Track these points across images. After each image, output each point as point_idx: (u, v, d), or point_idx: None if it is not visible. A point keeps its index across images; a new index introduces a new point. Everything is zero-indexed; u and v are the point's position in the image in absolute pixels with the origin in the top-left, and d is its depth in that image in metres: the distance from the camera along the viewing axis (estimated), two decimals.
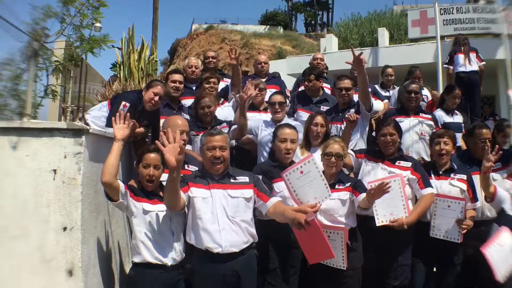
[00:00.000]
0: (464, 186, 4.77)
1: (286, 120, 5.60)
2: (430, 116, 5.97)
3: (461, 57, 9.04)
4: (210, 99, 5.63)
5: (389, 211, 4.40)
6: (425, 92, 7.10)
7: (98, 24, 10.31)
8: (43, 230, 3.59)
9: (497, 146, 4.62)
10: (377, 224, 4.38)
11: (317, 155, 4.75)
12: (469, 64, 8.93)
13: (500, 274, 4.23)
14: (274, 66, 14.65)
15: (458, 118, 6.72)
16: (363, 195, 4.22)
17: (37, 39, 4.83)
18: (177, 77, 6.13)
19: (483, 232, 4.64)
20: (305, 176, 4.15)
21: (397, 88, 7.86)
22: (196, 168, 4.61)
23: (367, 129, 5.79)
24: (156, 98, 5.20)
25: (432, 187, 4.67)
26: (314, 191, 4.15)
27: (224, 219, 3.79)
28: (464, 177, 4.82)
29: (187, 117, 6.08)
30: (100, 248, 4.03)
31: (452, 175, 4.85)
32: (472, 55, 9.06)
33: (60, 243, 3.60)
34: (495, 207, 4.73)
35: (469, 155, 5.29)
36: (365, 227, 4.52)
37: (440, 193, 4.69)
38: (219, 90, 6.58)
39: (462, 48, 9.11)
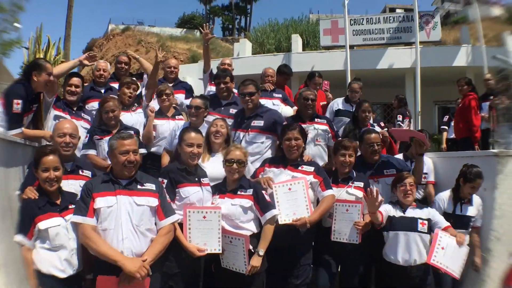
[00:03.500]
0: (360, 194, 4.92)
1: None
2: (324, 121, 6.00)
3: None
4: (114, 103, 5.52)
5: (292, 211, 4.52)
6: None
7: (17, 24, 9.94)
8: None
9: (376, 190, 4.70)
10: (280, 222, 4.46)
11: (218, 160, 4.80)
12: None
13: (456, 273, 4.59)
14: (186, 70, 14.61)
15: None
16: (269, 214, 4.35)
17: None
18: (75, 80, 5.89)
19: (381, 236, 4.90)
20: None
21: None
22: (90, 173, 4.59)
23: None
24: (51, 77, 5.18)
25: (332, 189, 4.81)
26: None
27: (128, 226, 3.71)
28: (361, 184, 4.97)
29: (88, 118, 5.97)
30: (12, 249, 3.81)
31: (350, 183, 5.00)
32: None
33: None
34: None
35: (362, 160, 5.44)
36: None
37: (339, 198, 4.82)
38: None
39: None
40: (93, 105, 6.32)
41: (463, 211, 5.17)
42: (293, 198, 4.54)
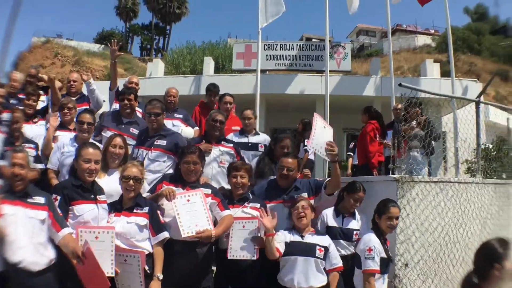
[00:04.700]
0: (256, 214, 4.92)
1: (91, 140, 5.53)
2: (231, 145, 6.04)
3: None
4: (18, 114, 5.52)
5: (194, 223, 4.45)
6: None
7: None
8: None
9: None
10: (183, 236, 4.37)
11: (115, 177, 4.76)
12: None
13: None
14: (100, 86, 14.23)
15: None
16: (162, 236, 4.35)
17: None
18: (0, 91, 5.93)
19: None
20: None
21: None
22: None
23: None
24: None
25: (230, 209, 4.83)
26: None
27: (24, 237, 3.69)
28: (258, 205, 4.99)
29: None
30: None
31: (246, 203, 5.02)
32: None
33: None
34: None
35: (276, 184, 5.43)
36: (167, 251, 4.46)
37: (235, 216, 4.83)
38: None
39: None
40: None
41: (345, 224, 5.31)
42: (193, 209, 4.50)
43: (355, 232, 5.37)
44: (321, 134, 5.24)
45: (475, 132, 7.36)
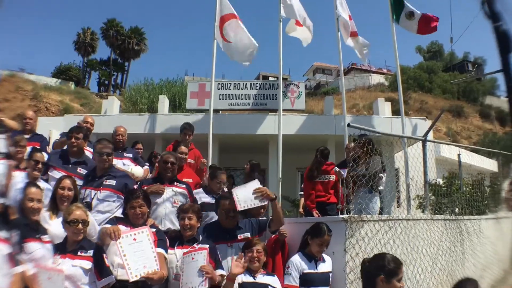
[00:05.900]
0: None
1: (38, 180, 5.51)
2: (184, 186, 6.06)
3: None
4: None
5: (142, 264, 4.31)
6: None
7: None
8: None
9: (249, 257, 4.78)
10: (131, 280, 4.22)
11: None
12: None
13: None
14: (53, 123, 14.11)
15: None
16: (106, 280, 4.23)
17: None
18: None
19: None
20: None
21: None
22: None
23: None
24: None
25: (165, 249, 4.75)
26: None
27: None
28: (207, 246, 4.91)
29: None
30: None
31: (195, 244, 4.95)
32: None
33: None
34: None
35: (219, 225, 5.47)
36: None
37: (189, 250, 4.76)
38: None
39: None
40: None
41: (319, 269, 5.23)
42: (140, 249, 4.36)
43: (330, 275, 5.34)
44: (244, 192, 5.31)
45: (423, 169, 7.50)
